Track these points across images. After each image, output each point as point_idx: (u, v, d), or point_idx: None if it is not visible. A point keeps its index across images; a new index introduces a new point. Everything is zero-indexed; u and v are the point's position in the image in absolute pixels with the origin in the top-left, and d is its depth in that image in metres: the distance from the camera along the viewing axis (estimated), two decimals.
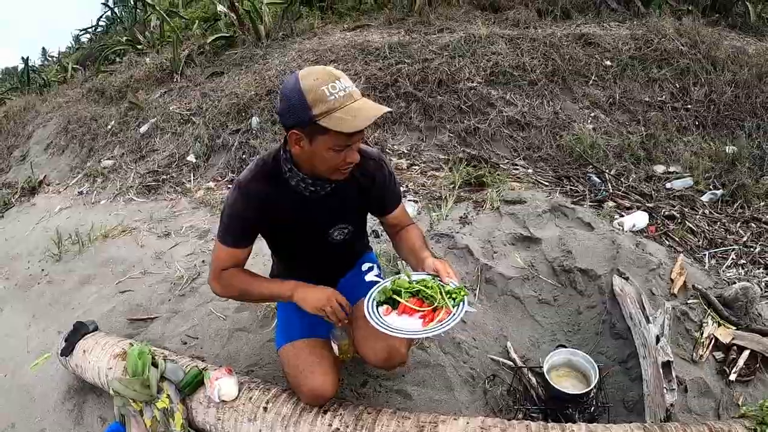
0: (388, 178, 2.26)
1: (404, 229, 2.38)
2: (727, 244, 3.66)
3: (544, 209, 3.77)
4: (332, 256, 2.43)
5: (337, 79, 1.80)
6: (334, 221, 2.26)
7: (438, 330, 1.87)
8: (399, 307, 1.99)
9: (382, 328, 1.91)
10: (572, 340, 3.03)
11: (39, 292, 4.41)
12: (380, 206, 2.34)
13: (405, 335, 1.91)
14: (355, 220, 2.37)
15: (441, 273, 2.03)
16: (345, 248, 2.43)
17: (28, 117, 9.62)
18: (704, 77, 5.48)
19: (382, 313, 1.99)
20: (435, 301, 1.95)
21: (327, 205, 2.17)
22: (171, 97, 7.47)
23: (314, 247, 2.33)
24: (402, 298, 2.00)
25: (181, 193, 5.62)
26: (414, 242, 2.27)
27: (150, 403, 2.46)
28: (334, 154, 1.88)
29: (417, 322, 1.92)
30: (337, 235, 2.30)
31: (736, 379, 2.63)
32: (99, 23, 14.65)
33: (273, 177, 2.09)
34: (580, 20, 6.89)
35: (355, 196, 2.22)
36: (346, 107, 1.79)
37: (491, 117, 5.18)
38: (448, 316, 1.89)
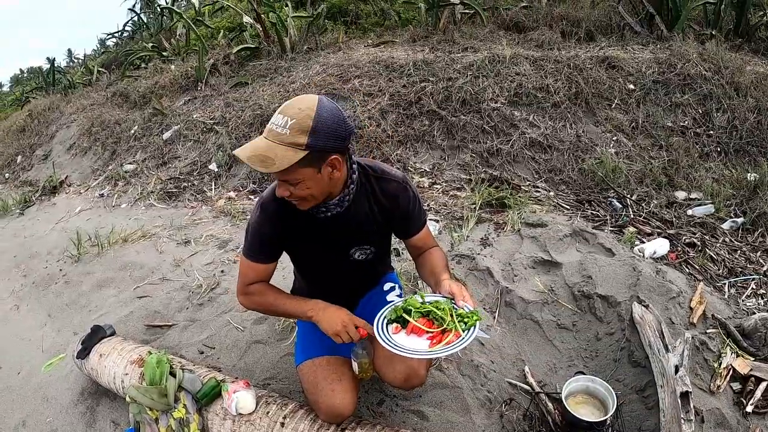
0: (412, 200, 2.23)
1: (427, 251, 2.35)
2: (747, 273, 3.62)
3: (565, 233, 3.77)
4: (353, 275, 2.43)
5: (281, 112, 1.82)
6: (352, 242, 2.25)
7: (443, 353, 1.85)
8: (408, 327, 1.97)
9: (387, 345, 1.89)
10: (590, 366, 3.01)
11: (56, 291, 4.43)
12: (404, 229, 2.32)
13: (409, 354, 1.87)
14: (378, 242, 2.35)
15: (456, 296, 2.00)
16: (366, 268, 2.42)
17: (52, 117, 9.74)
18: (727, 103, 5.46)
19: (392, 332, 1.98)
20: (445, 323, 1.93)
21: (341, 226, 2.16)
22: (195, 105, 7.54)
23: (334, 266, 2.34)
24: (412, 317, 1.98)
25: (201, 202, 5.65)
26: (435, 265, 2.24)
27: (166, 412, 2.47)
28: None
29: (425, 343, 1.90)
30: (359, 255, 2.30)
31: (753, 411, 2.60)
32: (125, 28, 14.82)
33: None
34: (604, 43, 6.90)
35: (374, 219, 2.20)
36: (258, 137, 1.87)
37: (514, 138, 5.19)
38: (456, 339, 1.87)
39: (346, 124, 1.85)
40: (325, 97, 1.85)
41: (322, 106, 1.80)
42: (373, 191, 2.14)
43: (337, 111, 1.84)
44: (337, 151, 1.86)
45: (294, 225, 2.13)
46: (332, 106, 1.83)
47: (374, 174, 2.15)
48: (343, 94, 6.07)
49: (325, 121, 1.78)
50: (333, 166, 1.88)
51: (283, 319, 3.27)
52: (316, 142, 1.78)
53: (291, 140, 1.77)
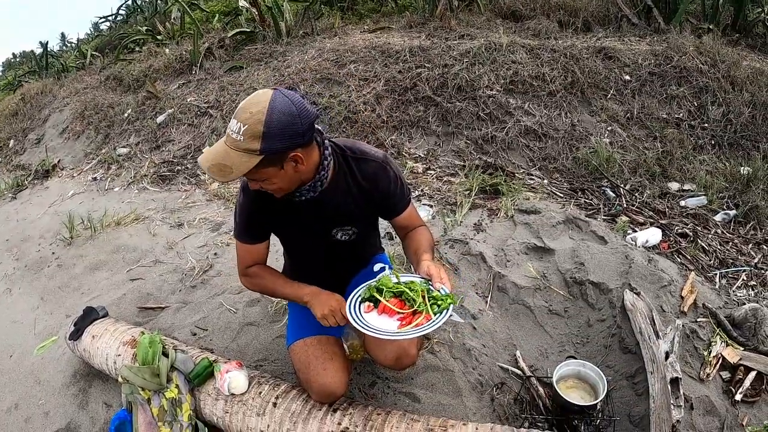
0: (393, 180, 2.19)
1: (413, 231, 2.32)
2: (738, 265, 3.65)
3: (559, 220, 3.78)
4: (337, 255, 2.43)
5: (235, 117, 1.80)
6: (332, 224, 2.25)
7: (410, 335, 1.84)
8: (379, 306, 1.96)
9: (356, 324, 1.89)
10: (581, 352, 3.03)
11: (48, 274, 4.41)
12: (387, 210, 2.29)
13: (375, 334, 1.85)
14: (360, 223, 2.32)
15: (434, 277, 1.97)
16: (352, 248, 2.41)
17: (44, 101, 9.67)
18: (722, 97, 5.47)
19: (364, 310, 1.97)
20: (416, 305, 1.91)
21: (318, 209, 2.16)
22: (189, 88, 7.50)
23: (317, 246, 2.35)
24: (384, 297, 1.97)
25: (195, 185, 5.63)
26: (419, 245, 2.21)
27: (159, 392, 2.47)
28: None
29: (394, 324, 1.89)
30: (341, 236, 2.29)
31: (741, 399, 2.63)
32: (119, 12, 14.72)
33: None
34: (601, 33, 6.90)
35: (353, 200, 2.18)
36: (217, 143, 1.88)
37: (509, 126, 5.19)
38: (427, 321, 1.85)
39: (303, 118, 1.81)
40: (279, 91, 1.81)
41: (274, 107, 1.76)
42: (351, 172, 2.12)
43: (291, 107, 1.78)
44: (296, 146, 1.84)
45: (273, 208, 2.16)
46: (285, 102, 1.79)
47: (353, 155, 2.13)
48: (339, 79, 6.05)
49: (277, 122, 1.76)
50: (295, 161, 1.87)
51: (276, 302, 3.28)
52: (271, 145, 1.77)
53: (245, 146, 1.78)
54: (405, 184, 2.27)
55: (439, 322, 1.84)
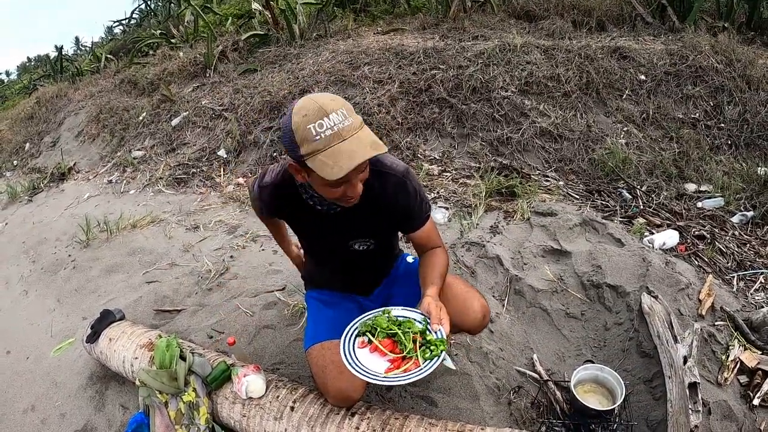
0: (412, 196, 2.12)
1: (429, 253, 2.25)
2: (756, 267, 3.62)
3: (575, 223, 3.76)
4: (357, 263, 2.41)
5: (326, 115, 1.68)
6: (351, 236, 2.23)
7: (396, 381, 1.82)
8: (372, 345, 1.94)
9: (345, 360, 1.89)
10: (598, 356, 3.01)
11: (65, 277, 4.44)
12: (404, 226, 2.25)
13: (362, 376, 1.83)
14: (378, 235, 2.29)
15: (432, 318, 1.91)
16: (371, 257, 2.38)
17: (60, 104, 9.75)
18: (738, 96, 5.43)
19: (357, 345, 1.96)
20: (406, 351, 1.89)
21: (340, 221, 2.14)
22: (203, 91, 7.54)
23: (335, 254, 2.36)
24: (376, 337, 1.95)
25: (210, 188, 5.66)
26: (430, 271, 2.15)
27: (176, 395, 2.48)
28: (331, 189, 1.82)
29: (384, 365, 1.87)
30: (359, 246, 2.27)
31: (759, 404, 2.61)
32: (133, 16, 14.81)
33: (287, 188, 2.10)
34: (615, 33, 6.86)
35: (372, 215, 2.13)
36: (331, 149, 1.68)
37: (524, 127, 5.17)
38: (415, 368, 1.83)
39: None
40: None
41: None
42: (371, 187, 2.03)
43: None
44: None
45: (290, 213, 2.21)
46: None
47: (373, 168, 2.03)
48: (353, 81, 6.05)
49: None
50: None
51: (292, 305, 3.28)
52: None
53: (360, 122, 1.76)
54: (425, 200, 2.21)
55: (427, 371, 1.82)
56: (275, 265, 3.77)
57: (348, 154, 1.68)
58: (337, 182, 1.76)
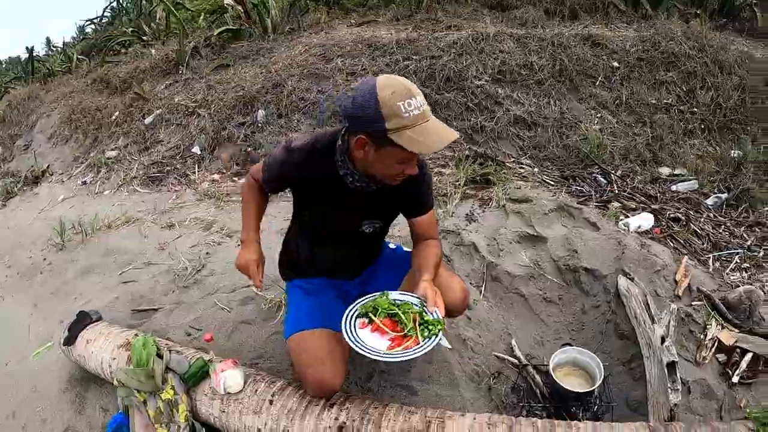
0: (427, 183, 2.28)
1: (425, 243, 2.34)
2: (731, 248, 3.66)
3: (550, 208, 3.77)
4: (357, 247, 2.46)
5: (413, 96, 1.79)
6: (367, 216, 2.28)
7: (398, 358, 1.94)
8: (373, 324, 2.05)
9: (349, 339, 1.99)
10: (577, 339, 3.03)
11: (41, 281, 4.39)
12: (410, 209, 2.33)
13: (364, 353, 1.95)
14: (386, 217, 2.39)
15: (429, 301, 2.04)
16: (371, 240, 2.45)
17: (32, 106, 9.60)
18: (711, 81, 5.49)
19: (358, 326, 2.06)
20: (406, 329, 2.00)
21: (366, 200, 2.18)
22: (176, 88, 7.45)
23: (341, 235, 2.36)
24: (378, 316, 2.06)
25: (185, 185, 5.61)
26: (425, 260, 2.25)
27: (154, 394, 2.46)
28: (395, 165, 1.92)
29: (385, 343, 1.99)
30: (367, 228, 2.31)
31: (738, 382, 2.64)
32: (104, 14, 14.61)
33: (322, 158, 2.10)
34: (588, 21, 6.89)
35: (392, 197, 2.22)
36: (418, 126, 1.80)
37: (498, 115, 5.18)
38: (415, 345, 1.95)
39: None
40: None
41: None
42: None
43: None
44: None
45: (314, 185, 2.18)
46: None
47: None
48: (326, 73, 6.02)
49: None
50: None
51: (270, 299, 3.26)
52: None
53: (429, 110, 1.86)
54: (432, 190, 2.34)
55: (427, 348, 1.94)
56: None
57: (436, 133, 1.84)
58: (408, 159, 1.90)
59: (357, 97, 1.84)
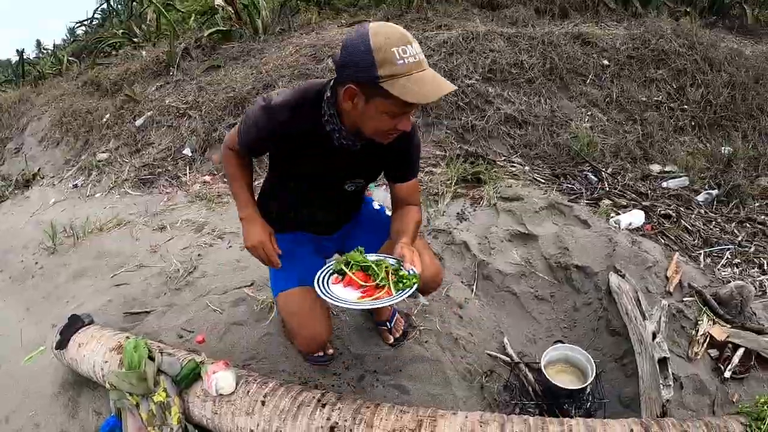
0: (415, 147, 2.20)
1: (406, 207, 2.29)
2: (722, 244, 3.68)
3: (541, 206, 3.78)
4: (338, 205, 2.41)
5: (409, 43, 1.68)
6: (349, 175, 2.21)
7: (367, 306, 1.94)
8: (345, 278, 2.02)
9: (319, 291, 1.97)
10: (569, 337, 3.04)
11: (33, 285, 4.36)
12: (396, 174, 2.26)
13: (334, 302, 1.94)
14: (370, 177, 2.32)
15: (405, 259, 1.98)
16: (352, 198, 2.41)
17: (22, 109, 9.55)
18: (701, 78, 5.51)
19: (332, 282, 2.04)
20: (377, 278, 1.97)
21: (351, 159, 2.10)
22: (167, 90, 7.43)
23: (323, 194, 2.30)
24: (350, 269, 2.03)
25: (176, 187, 5.60)
26: (404, 226, 2.20)
27: (146, 396, 2.45)
28: (387, 118, 1.80)
29: (356, 295, 1.96)
30: (349, 186, 2.26)
31: (730, 377, 2.65)
32: (95, 16, 14.57)
33: (308, 114, 1.97)
34: (578, 19, 6.92)
35: (378, 156, 2.15)
36: (414, 75, 1.68)
37: (488, 114, 5.18)
38: (387, 297, 1.91)
39: None
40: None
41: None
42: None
43: None
44: None
45: (297, 144, 2.05)
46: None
47: None
48: (317, 74, 6.02)
49: None
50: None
51: (261, 300, 3.26)
52: None
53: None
54: (419, 157, 2.29)
55: (398, 298, 1.90)
56: (243, 261, 3.74)
57: (432, 83, 1.71)
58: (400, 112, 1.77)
59: (347, 43, 1.74)
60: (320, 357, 2.82)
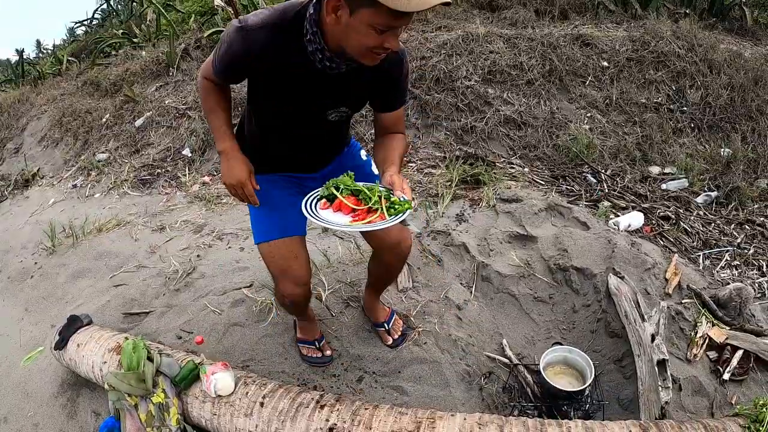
0: (404, 75, 2.07)
1: (392, 135, 2.20)
2: (721, 246, 3.68)
3: (540, 208, 3.78)
4: (321, 138, 2.27)
5: None
6: (335, 103, 2.06)
7: (360, 228, 1.86)
8: (335, 203, 1.94)
9: (308, 213, 1.91)
10: (567, 338, 3.04)
11: (32, 285, 4.36)
12: (383, 102, 2.15)
13: (323, 224, 1.87)
14: (355, 106, 2.16)
15: (395, 186, 1.90)
16: (335, 131, 2.28)
17: (22, 109, 9.55)
18: (700, 80, 5.51)
19: (320, 207, 1.96)
20: (370, 203, 1.89)
21: (334, 84, 1.96)
22: (167, 90, 7.44)
23: (305, 125, 2.15)
24: (341, 192, 1.94)
25: (176, 188, 5.59)
26: (390, 153, 2.11)
27: (145, 397, 2.45)
28: (373, 34, 1.65)
29: (347, 219, 1.89)
30: (333, 116, 2.10)
31: (729, 379, 2.66)
32: (94, 16, 14.56)
33: (288, 34, 1.84)
34: (578, 21, 6.90)
35: (364, 83, 2.02)
36: None
37: (488, 115, 5.18)
38: (381, 220, 1.83)
39: None
40: None
41: None
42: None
43: None
44: None
45: (276, 67, 1.90)
46: None
47: None
48: None
49: None
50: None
51: (260, 301, 3.26)
52: None
53: None
54: (408, 86, 2.19)
55: (391, 222, 1.83)
56: (242, 262, 3.74)
57: None
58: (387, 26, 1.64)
59: None
60: (319, 358, 2.82)
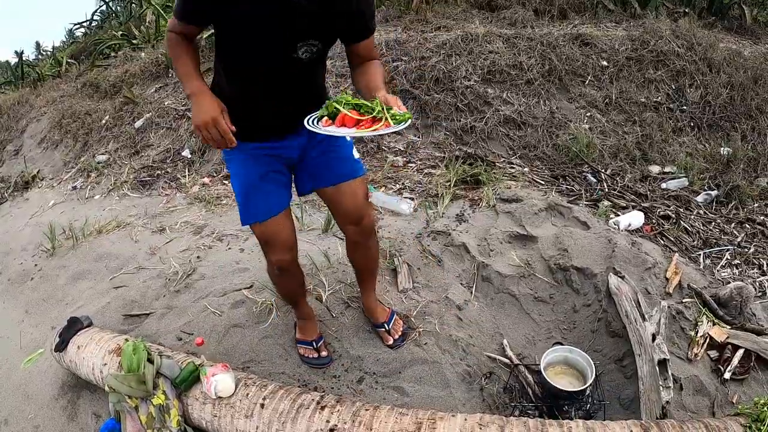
0: (370, 2, 2.11)
1: (368, 62, 2.21)
2: (721, 245, 3.68)
3: (541, 208, 3.78)
4: (293, 80, 2.18)
5: None
6: (306, 34, 2.01)
7: (366, 134, 1.87)
8: (338, 118, 1.92)
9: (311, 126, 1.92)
10: (568, 338, 3.04)
11: (32, 287, 4.36)
12: (354, 31, 2.15)
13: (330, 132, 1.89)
14: (326, 38, 2.10)
15: (391, 104, 1.90)
16: (308, 71, 2.20)
17: (21, 111, 9.56)
18: (700, 79, 5.52)
19: (322, 124, 1.94)
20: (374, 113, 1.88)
21: (305, 12, 1.93)
22: (166, 92, 7.43)
23: (274, 60, 2.08)
24: (343, 106, 1.92)
25: (176, 189, 5.59)
26: (374, 77, 2.13)
27: (146, 399, 2.45)
28: None
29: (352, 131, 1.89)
30: (304, 52, 2.05)
31: (730, 378, 2.66)
32: (93, 18, 14.55)
33: None
34: (577, 20, 6.91)
35: (335, 11, 2.00)
36: None
37: (488, 115, 5.18)
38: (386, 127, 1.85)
39: None
40: None
41: None
42: None
43: None
44: None
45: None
46: None
47: None
48: None
49: None
50: None
51: (260, 302, 3.25)
52: None
53: None
54: (375, 13, 2.20)
55: (396, 128, 1.86)
56: (242, 263, 3.73)
57: None
58: None
59: None
60: (316, 359, 2.82)
